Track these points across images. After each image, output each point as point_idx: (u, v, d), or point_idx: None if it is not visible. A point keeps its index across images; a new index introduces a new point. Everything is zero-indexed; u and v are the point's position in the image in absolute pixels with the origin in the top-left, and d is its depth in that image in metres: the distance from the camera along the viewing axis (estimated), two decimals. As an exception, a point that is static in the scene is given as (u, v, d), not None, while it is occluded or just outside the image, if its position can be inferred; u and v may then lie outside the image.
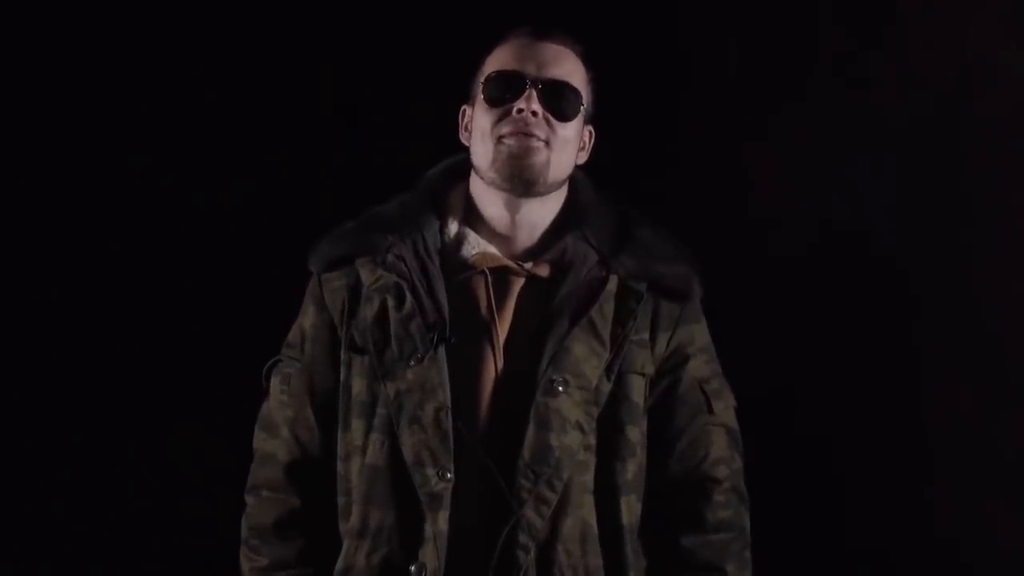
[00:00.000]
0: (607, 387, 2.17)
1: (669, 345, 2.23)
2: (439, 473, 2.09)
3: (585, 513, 2.15)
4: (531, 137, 2.15)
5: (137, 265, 3.07)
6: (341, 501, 2.20)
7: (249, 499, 2.28)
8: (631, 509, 2.18)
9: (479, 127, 2.20)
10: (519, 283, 2.19)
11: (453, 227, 2.24)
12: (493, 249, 2.21)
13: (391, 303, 2.17)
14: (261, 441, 2.29)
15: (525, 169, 2.16)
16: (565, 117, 2.18)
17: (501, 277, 2.19)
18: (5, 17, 3.03)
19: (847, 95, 2.95)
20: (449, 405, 2.11)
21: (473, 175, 2.25)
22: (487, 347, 2.15)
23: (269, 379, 2.30)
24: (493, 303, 2.17)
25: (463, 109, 2.28)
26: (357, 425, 2.18)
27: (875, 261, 2.93)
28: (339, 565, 2.16)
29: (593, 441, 2.16)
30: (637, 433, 2.19)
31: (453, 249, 2.22)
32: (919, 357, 2.92)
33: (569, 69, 2.21)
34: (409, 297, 2.15)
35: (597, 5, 2.95)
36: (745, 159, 2.98)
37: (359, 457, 2.17)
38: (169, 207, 3.07)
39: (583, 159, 2.28)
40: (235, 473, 2.35)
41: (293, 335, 2.30)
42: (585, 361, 2.15)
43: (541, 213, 2.23)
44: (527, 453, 2.10)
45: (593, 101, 2.25)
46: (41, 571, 3.01)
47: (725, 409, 2.26)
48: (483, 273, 2.18)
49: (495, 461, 2.10)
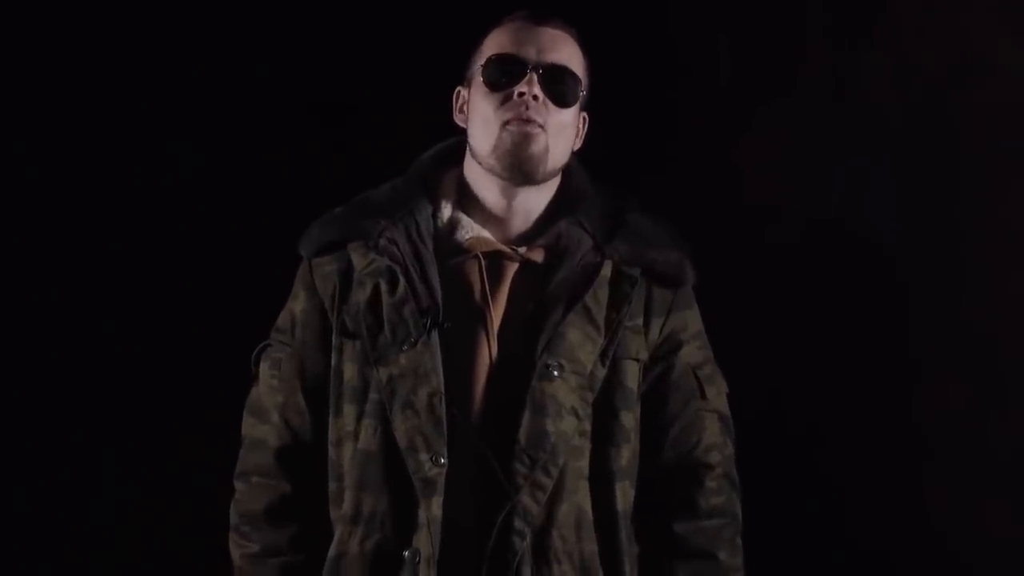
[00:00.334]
0: (602, 372, 2.16)
1: (662, 331, 2.22)
2: (432, 459, 2.08)
3: (580, 499, 2.14)
4: (531, 123, 2.14)
5: (115, 251, 3.04)
6: (333, 487, 2.18)
7: (238, 485, 2.26)
8: (625, 495, 2.18)
9: (479, 111, 2.18)
10: (513, 268, 2.18)
11: (446, 211, 2.22)
12: (487, 234, 2.19)
13: (384, 287, 2.15)
14: (250, 427, 2.26)
15: (525, 161, 2.14)
16: (565, 103, 2.17)
17: (495, 262, 2.18)
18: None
19: (840, 86, 2.95)
20: (443, 390, 2.10)
21: (468, 159, 2.23)
22: (481, 332, 2.14)
23: (258, 364, 2.28)
24: (487, 288, 2.15)
25: (457, 91, 2.26)
26: (349, 410, 2.17)
27: (869, 251, 2.93)
28: (332, 551, 2.15)
29: (588, 427, 2.15)
30: (631, 419, 2.18)
31: (446, 233, 2.20)
32: (913, 348, 2.92)
33: (568, 54, 2.20)
34: (402, 281, 2.14)
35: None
36: (738, 149, 2.98)
37: (351, 443, 2.16)
38: (150, 190, 3.05)
39: (578, 145, 2.26)
40: (220, 459, 2.33)
41: (283, 320, 2.28)
42: (580, 347, 2.14)
43: (537, 200, 2.21)
44: (523, 438, 2.09)
45: (588, 87, 2.24)
46: (25, 557, 2.98)
47: (717, 395, 2.26)
48: (477, 258, 2.17)
49: (489, 447, 2.09)
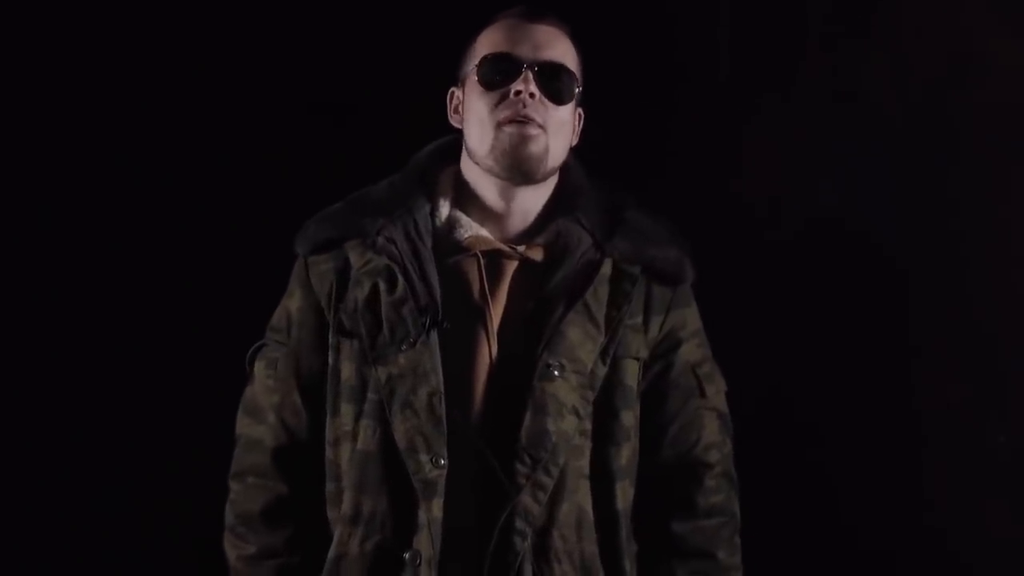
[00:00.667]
0: (602, 371, 2.15)
1: (662, 329, 2.21)
2: (433, 460, 2.06)
3: (581, 499, 2.13)
4: (529, 123, 2.12)
5: (115, 251, 3.01)
6: (331, 487, 2.17)
7: (234, 485, 2.24)
8: (625, 494, 2.17)
9: (475, 111, 2.16)
10: (512, 266, 2.16)
11: (444, 210, 2.20)
12: (485, 232, 2.18)
13: (382, 286, 2.13)
14: (246, 426, 2.24)
15: (524, 161, 2.13)
16: (561, 100, 2.16)
17: (494, 260, 2.16)
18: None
19: (839, 85, 2.95)
20: (442, 390, 2.08)
21: (465, 158, 2.22)
22: (480, 331, 2.12)
23: (253, 364, 2.26)
24: (486, 286, 2.14)
25: (451, 91, 2.25)
26: (346, 410, 2.15)
27: (868, 249, 2.93)
28: (332, 552, 2.13)
29: (589, 426, 2.14)
30: (631, 418, 2.18)
31: (445, 232, 2.18)
32: (913, 347, 2.92)
33: (563, 51, 2.18)
34: (401, 280, 2.12)
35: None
36: (737, 147, 2.97)
37: (349, 443, 2.14)
38: (150, 190, 3.02)
39: (574, 142, 2.25)
40: (215, 459, 2.31)
41: (278, 319, 2.26)
42: (580, 345, 2.12)
43: (535, 198, 2.20)
44: (524, 438, 2.07)
45: (583, 83, 2.22)
46: (24, 556, 2.96)
47: (716, 393, 2.26)
48: (475, 256, 2.16)
49: (489, 447, 2.08)
